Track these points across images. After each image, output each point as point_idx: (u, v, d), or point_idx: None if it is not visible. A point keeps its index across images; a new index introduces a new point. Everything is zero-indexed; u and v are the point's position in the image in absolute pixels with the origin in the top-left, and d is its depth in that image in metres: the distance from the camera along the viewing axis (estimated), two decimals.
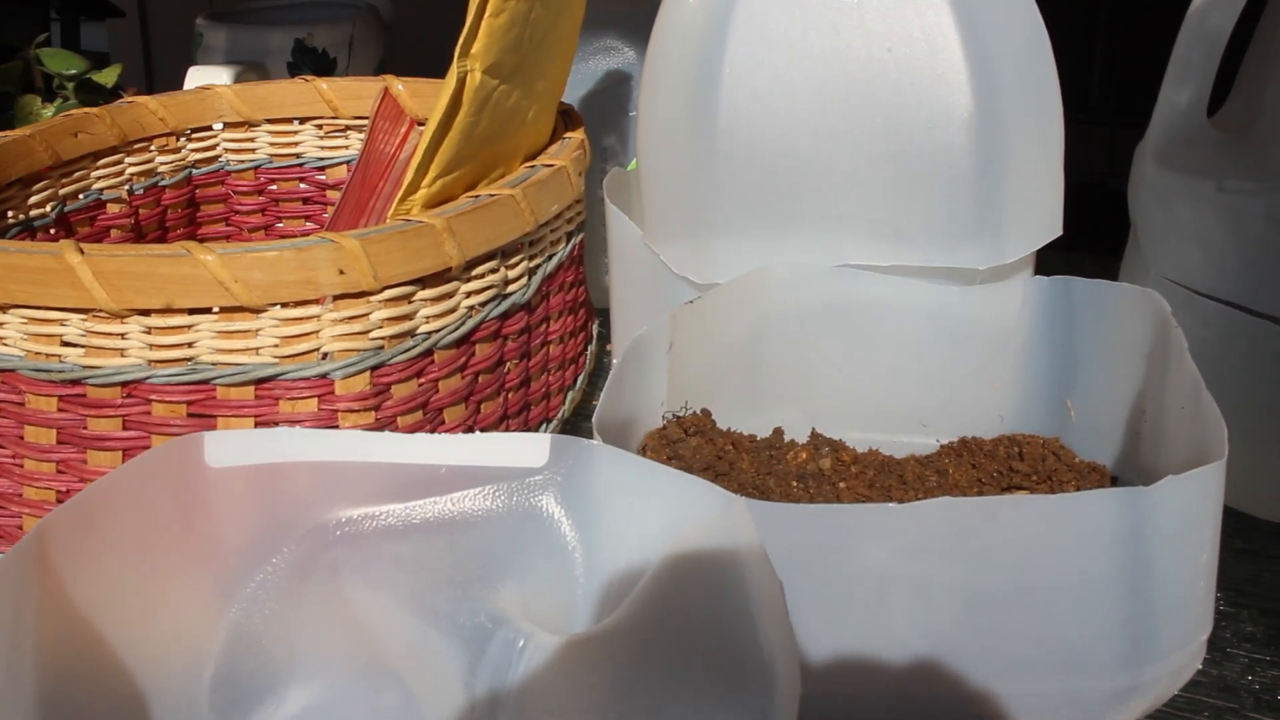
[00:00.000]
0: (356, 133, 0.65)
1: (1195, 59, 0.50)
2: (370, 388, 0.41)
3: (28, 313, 0.39)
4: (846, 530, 0.32)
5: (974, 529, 0.31)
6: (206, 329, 0.39)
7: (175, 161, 0.62)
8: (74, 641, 0.30)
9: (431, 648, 0.32)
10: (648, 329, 0.42)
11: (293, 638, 0.33)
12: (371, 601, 0.33)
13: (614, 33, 0.67)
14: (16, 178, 0.52)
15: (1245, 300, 0.47)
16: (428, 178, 0.46)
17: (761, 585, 0.28)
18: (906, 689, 0.33)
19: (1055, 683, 0.33)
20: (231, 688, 0.32)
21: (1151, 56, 0.56)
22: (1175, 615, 0.32)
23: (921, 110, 0.43)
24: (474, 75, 0.45)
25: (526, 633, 0.31)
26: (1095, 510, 0.31)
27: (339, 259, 0.39)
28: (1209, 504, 0.32)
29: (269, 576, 0.33)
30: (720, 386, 0.45)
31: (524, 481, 0.33)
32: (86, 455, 0.41)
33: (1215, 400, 0.34)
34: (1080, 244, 0.53)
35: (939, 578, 0.31)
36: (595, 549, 0.33)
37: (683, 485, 0.31)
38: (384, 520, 0.33)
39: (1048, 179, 0.45)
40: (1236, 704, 0.39)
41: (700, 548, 0.30)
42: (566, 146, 0.52)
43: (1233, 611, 0.43)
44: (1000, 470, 0.42)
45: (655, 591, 0.30)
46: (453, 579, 0.33)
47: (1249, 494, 0.47)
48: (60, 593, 0.30)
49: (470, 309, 0.44)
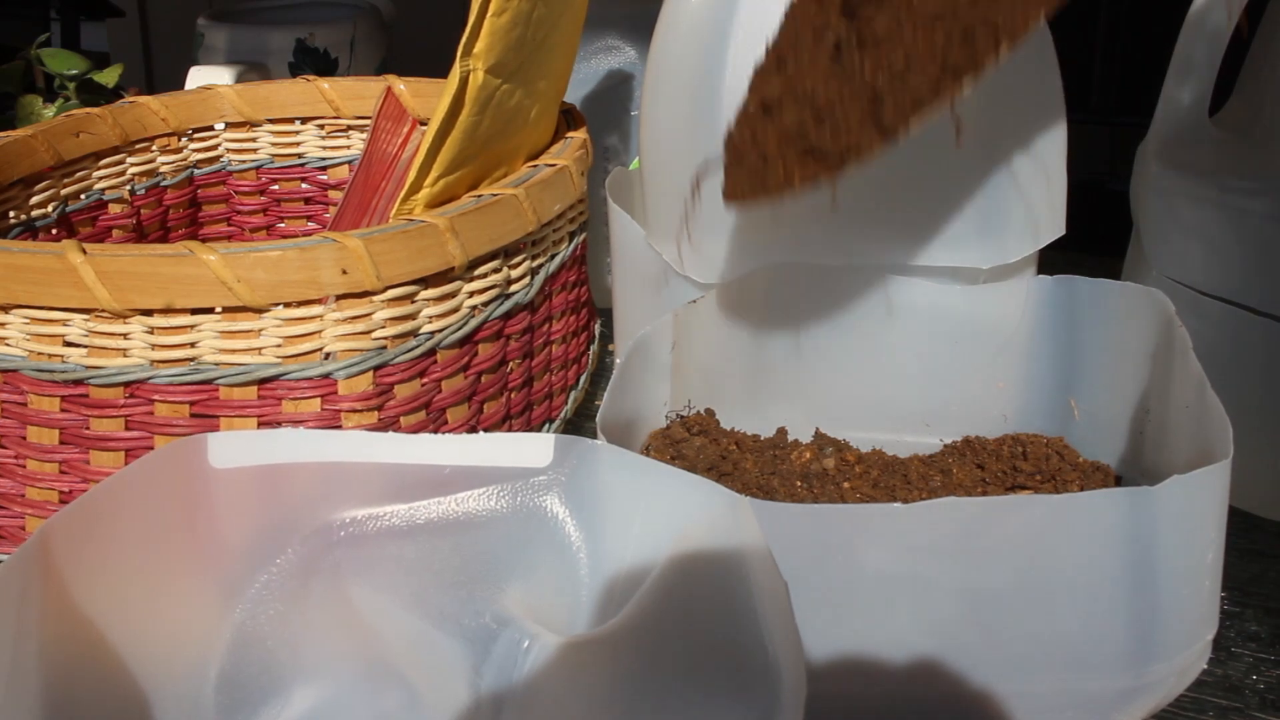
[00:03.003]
0: (358, 133, 0.65)
1: (1197, 58, 0.50)
2: (373, 388, 0.41)
3: (30, 313, 0.39)
4: (851, 530, 0.32)
5: (978, 529, 0.31)
6: (209, 329, 0.39)
7: (177, 161, 0.62)
8: (78, 643, 0.30)
9: (436, 648, 0.32)
10: (651, 329, 0.42)
11: (297, 639, 0.33)
12: (376, 602, 0.32)
13: (616, 32, 0.67)
14: (18, 178, 0.52)
15: (1247, 300, 0.47)
16: (430, 177, 0.46)
17: (766, 585, 0.28)
18: (911, 689, 0.32)
19: (1060, 683, 0.32)
20: (236, 688, 0.32)
21: (1153, 56, 0.56)
22: (1180, 615, 0.32)
23: None
24: (476, 75, 0.45)
25: (531, 633, 0.31)
26: (1100, 510, 0.31)
27: (342, 259, 0.39)
28: (1214, 503, 0.32)
29: (273, 577, 0.33)
30: (723, 386, 0.45)
31: (528, 482, 0.33)
32: (89, 456, 0.41)
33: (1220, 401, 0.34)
34: (1082, 244, 0.53)
35: (943, 578, 0.31)
36: (600, 549, 0.33)
37: (687, 485, 0.31)
38: (388, 521, 0.33)
39: (1050, 178, 0.45)
40: (1241, 703, 0.39)
41: (705, 548, 0.30)
42: (569, 146, 0.52)
43: (1237, 611, 0.43)
44: (1004, 470, 0.42)
45: (660, 592, 0.30)
46: (457, 579, 0.33)
47: (1253, 493, 0.47)
48: (64, 594, 0.30)
49: (473, 309, 0.44)
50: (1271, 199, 0.46)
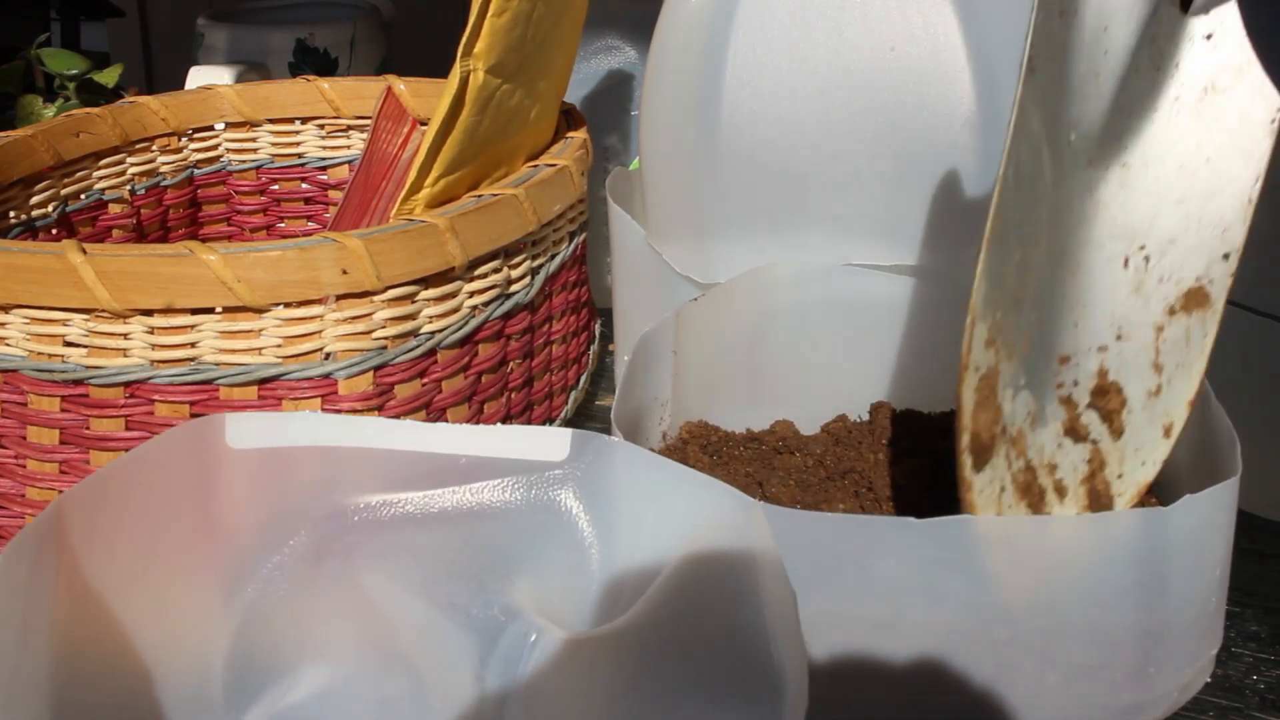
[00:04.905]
0: (358, 133, 0.65)
1: None
2: (373, 388, 0.41)
3: (30, 313, 0.39)
4: (863, 540, 0.31)
5: (989, 546, 0.31)
6: (209, 329, 0.39)
7: (177, 161, 0.62)
8: (88, 617, 0.30)
9: (443, 637, 0.32)
10: (654, 328, 0.42)
11: (306, 621, 0.33)
12: (385, 589, 0.32)
13: (616, 32, 0.67)
14: (18, 178, 0.52)
15: (1248, 300, 0.47)
16: (430, 177, 0.46)
17: (775, 591, 0.28)
18: (915, 700, 0.32)
19: (1065, 697, 0.32)
20: (243, 668, 0.32)
21: None
22: (1187, 631, 0.32)
23: (923, 110, 0.43)
24: (477, 75, 0.45)
25: (538, 627, 0.31)
26: (1113, 530, 0.31)
27: (342, 259, 0.39)
28: (1223, 520, 0.32)
29: (284, 559, 0.33)
30: (723, 385, 0.45)
31: (543, 475, 0.33)
32: (89, 456, 0.41)
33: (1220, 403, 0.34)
34: None
35: (953, 592, 0.31)
36: (611, 546, 0.33)
37: (701, 487, 0.31)
38: (401, 508, 0.33)
39: None
40: (1241, 704, 0.39)
41: (716, 550, 0.30)
42: (569, 146, 0.52)
43: (1237, 611, 0.43)
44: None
45: (669, 592, 0.30)
46: (468, 570, 0.33)
47: (1254, 494, 0.47)
48: (75, 569, 0.30)
49: (473, 309, 0.44)
50: (1272, 199, 0.46)
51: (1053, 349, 0.33)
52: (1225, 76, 0.33)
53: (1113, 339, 0.34)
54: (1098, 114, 0.33)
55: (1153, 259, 0.34)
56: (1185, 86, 0.33)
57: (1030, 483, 0.32)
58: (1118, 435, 0.34)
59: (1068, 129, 0.32)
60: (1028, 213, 0.30)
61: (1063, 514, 0.33)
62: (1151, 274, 0.34)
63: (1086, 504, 0.34)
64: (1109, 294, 0.34)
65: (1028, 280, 0.31)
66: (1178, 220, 0.34)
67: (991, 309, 0.29)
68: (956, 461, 0.30)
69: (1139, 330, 0.34)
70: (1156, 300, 0.34)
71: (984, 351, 0.30)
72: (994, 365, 0.30)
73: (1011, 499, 0.32)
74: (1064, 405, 0.33)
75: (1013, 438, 0.32)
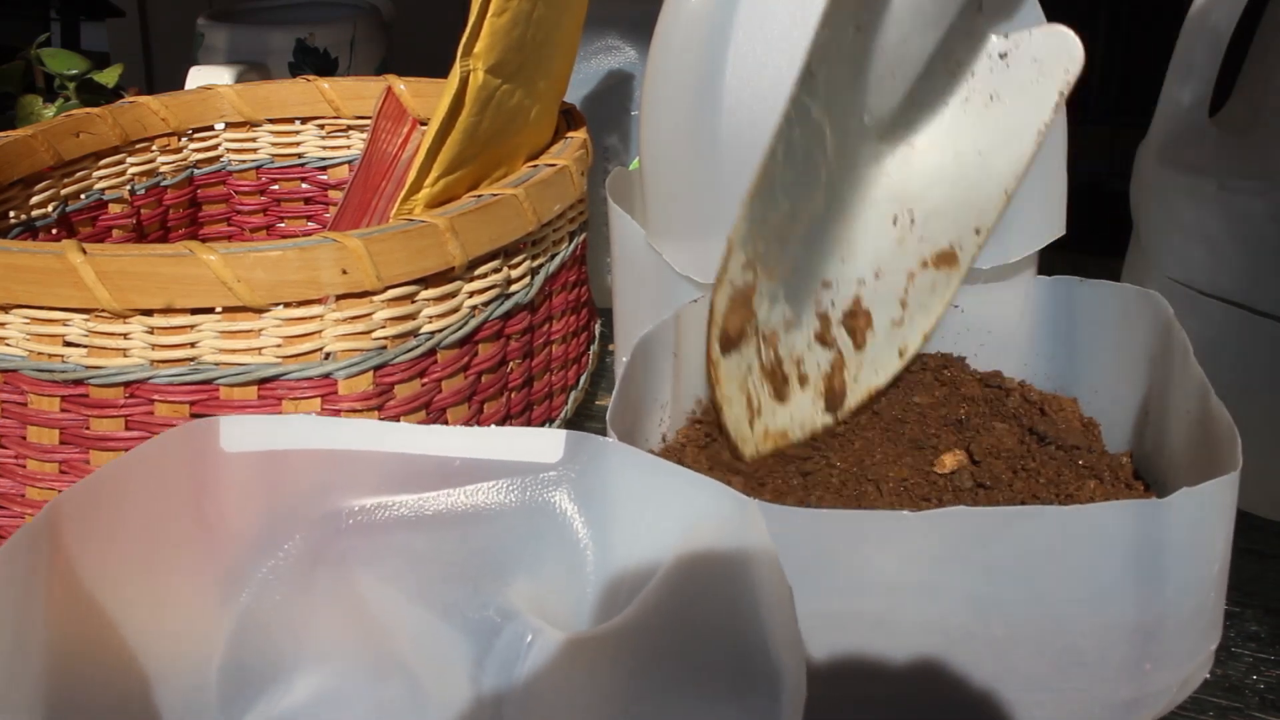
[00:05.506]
0: (358, 132, 0.65)
1: (1197, 58, 0.50)
2: (373, 388, 0.41)
3: (30, 313, 0.39)
4: (859, 536, 0.31)
5: (987, 539, 0.31)
6: (209, 329, 0.39)
7: (177, 161, 0.62)
8: (83, 620, 0.30)
9: (439, 640, 0.32)
10: (654, 328, 0.42)
11: (301, 625, 0.33)
12: (381, 591, 0.32)
13: (616, 32, 0.67)
14: (18, 178, 0.52)
15: (1249, 299, 0.47)
16: (430, 177, 0.46)
17: (771, 589, 0.28)
18: (913, 695, 0.32)
19: (1063, 693, 0.32)
20: (239, 673, 0.32)
21: (1152, 56, 0.56)
22: (1185, 626, 0.32)
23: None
24: (477, 75, 0.45)
25: (535, 628, 0.31)
26: (1109, 522, 0.31)
27: (342, 259, 0.39)
28: (1222, 516, 0.32)
29: (279, 563, 0.33)
30: None
31: (538, 476, 0.33)
32: (89, 456, 0.41)
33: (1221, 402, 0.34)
34: (1082, 244, 0.53)
35: (950, 585, 0.31)
36: (607, 546, 0.33)
37: (695, 486, 0.31)
38: (396, 511, 0.33)
39: (1050, 178, 0.45)
40: (1241, 703, 0.39)
41: (712, 549, 0.30)
42: (569, 146, 0.52)
43: (1237, 611, 0.43)
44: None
45: (665, 591, 0.30)
46: (463, 572, 0.33)
47: (1254, 494, 0.47)
48: (70, 571, 0.30)
49: (473, 309, 0.44)
50: (1272, 199, 0.46)
51: (817, 275, 0.40)
52: (1010, 90, 0.40)
53: (871, 276, 0.41)
54: (892, 104, 0.40)
55: (918, 221, 0.41)
56: (975, 92, 0.40)
57: (776, 369, 0.38)
58: (860, 348, 0.41)
59: (860, 113, 0.39)
60: (801, 175, 0.37)
61: (801, 399, 0.39)
62: (914, 232, 0.41)
63: (823, 394, 0.40)
64: (875, 241, 0.41)
65: (797, 223, 0.37)
66: (946, 197, 0.40)
67: (753, 242, 0.35)
68: (707, 347, 0.36)
69: (894, 274, 0.41)
70: (914, 253, 0.41)
71: (741, 272, 0.36)
72: (751, 282, 0.36)
73: (758, 378, 0.38)
74: (820, 319, 0.40)
75: (765, 335, 0.38)
